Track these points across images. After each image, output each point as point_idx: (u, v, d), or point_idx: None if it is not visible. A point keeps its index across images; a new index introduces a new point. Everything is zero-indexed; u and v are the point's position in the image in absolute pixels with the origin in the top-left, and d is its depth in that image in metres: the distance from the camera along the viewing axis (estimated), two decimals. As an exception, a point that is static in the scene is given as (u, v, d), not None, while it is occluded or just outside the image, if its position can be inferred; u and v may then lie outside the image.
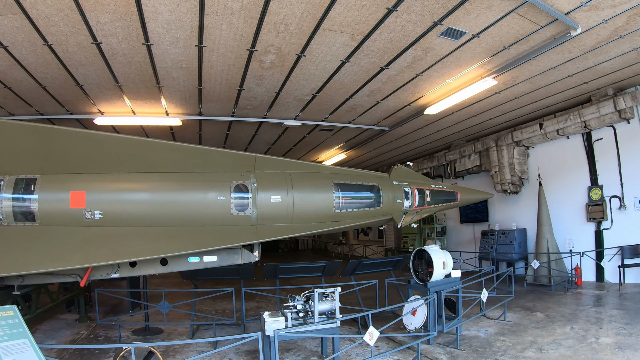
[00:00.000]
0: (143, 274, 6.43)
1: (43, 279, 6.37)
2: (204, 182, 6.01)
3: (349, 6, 6.32)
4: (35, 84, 8.86)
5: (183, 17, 6.48)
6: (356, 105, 10.84)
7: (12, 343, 4.26)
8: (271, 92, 9.76)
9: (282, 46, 7.50)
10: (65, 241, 5.69)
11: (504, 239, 13.53)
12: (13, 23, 6.47)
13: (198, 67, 8.25)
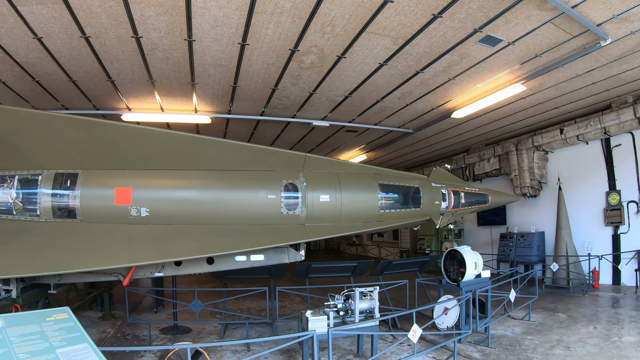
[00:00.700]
0: (188, 272, 6.31)
1: (82, 278, 6.31)
2: (255, 181, 5.99)
3: (397, 11, 6.35)
4: (65, 78, 8.75)
5: (231, 14, 6.43)
6: (385, 108, 10.85)
7: (72, 348, 4.03)
8: (305, 92, 9.73)
9: (325, 47, 7.48)
10: (109, 239, 5.62)
11: (523, 241, 13.64)
12: (52, 13, 6.35)
13: (237, 65, 8.18)
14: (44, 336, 4.03)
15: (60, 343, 4.02)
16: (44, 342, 3.94)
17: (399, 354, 7.19)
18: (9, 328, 3.90)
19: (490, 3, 6.20)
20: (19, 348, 3.72)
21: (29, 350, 3.74)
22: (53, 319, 4.31)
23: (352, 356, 7.27)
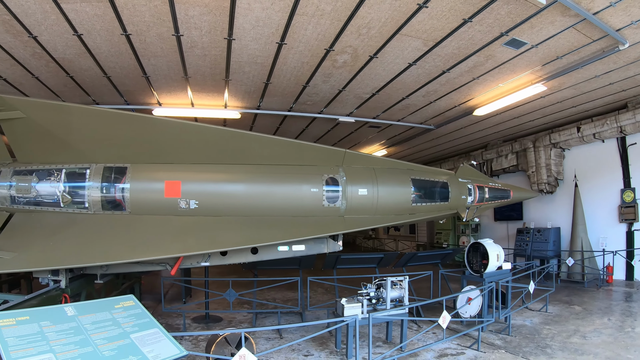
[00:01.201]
0: (233, 262, 6.63)
1: (130, 268, 6.57)
2: (298, 175, 6.33)
3: (430, 15, 6.71)
4: (101, 74, 9.03)
5: (273, 16, 6.74)
6: (410, 105, 11.21)
7: (145, 333, 4.21)
8: (334, 90, 10.08)
9: (359, 47, 7.83)
10: (159, 230, 5.88)
11: (539, 236, 14.04)
12: (95, 11, 6.59)
13: (272, 63, 8.51)
14: (116, 322, 4.24)
15: (132, 329, 4.23)
16: (117, 328, 4.15)
17: (425, 341, 7.63)
18: (82, 316, 4.11)
19: (518, 9, 6.56)
20: (95, 335, 3.93)
21: (104, 336, 3.95)
22: (121, 306, 4.54)
23: (381, 342, 7.74)
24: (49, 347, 3.53)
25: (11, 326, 3.59)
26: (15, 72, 8.91)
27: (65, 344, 3.65)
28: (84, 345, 3.72)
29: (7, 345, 3.33)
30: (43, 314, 3.92)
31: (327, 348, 7.36)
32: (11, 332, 3.51)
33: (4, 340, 3.37)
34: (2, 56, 8.12)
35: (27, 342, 3.48)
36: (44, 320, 3.85)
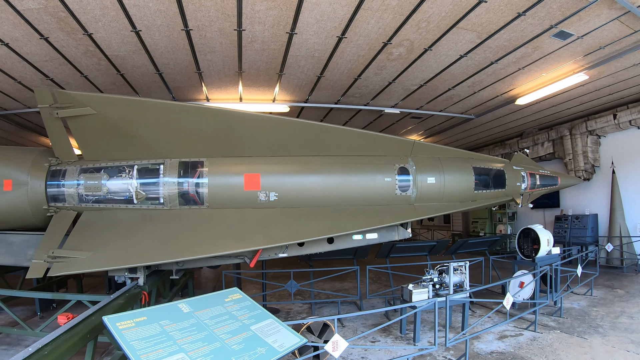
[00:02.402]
0: (310, 252, 6.92)
1: (208, 262, 6.89)
2: (372, 165, 6.71)
3: (487, 9, 7.10)
4: (153, 70, 9.33)
5: (339, 10, 7.05)
6: (454, 95, 11.63)
7: (262, 324, 4.32)
8: (384, 82, 10.46)
9: (415, 40, 8.22)
10: (240, 223, 6.12)
11: (578, 223, 14.61)
12: (158, 6, 6.80)
13: (328, 57, 8.88)
14: (232, 316, 4.36)
15: (249, 321, 4.34)
16: (235, 322, 4.26)
17: (483, 325, 8.16)
18: (198, 312, 4.23)
19: (569, 3, 6.96)
20: (218, 330, 4.02)
21: (227, 330, 4.05)
22: (231, 300, 4.70)
23: (441, 327, 8.31)
24: (178, 347, 3.57)
25: (131, 328, 3.64)
26: (64, 72, 9.26)
27: (193, 342, 3.71)
28: (211, 341, 3.82)
29: (135, 349, 3.37)
30: (159, 313, 4.01)
31: (391, 334, 7.87)
32: (133, 335, 3.55)
33: (130, 345, 3.40)
34: (52, 55, 8.44)
35: (153, 344, 3.52)
36: (163, 319, 3.92)
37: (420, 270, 9.80)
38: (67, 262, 5.79)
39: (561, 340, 7.27)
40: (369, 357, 6.77)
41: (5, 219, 6.63)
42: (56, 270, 5.80)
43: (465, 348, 6.37)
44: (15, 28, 7.31)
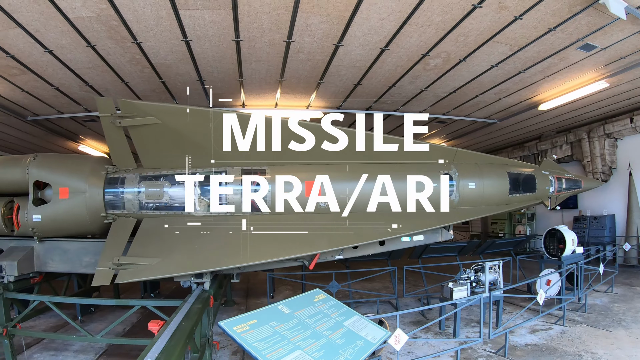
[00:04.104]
0: (363, 254, 7.59)
1: (267, 266, 7.37)
2: (420, 171, 7.36)
3: (522, 25, 8.01)
4: (195, 78, 10.03)
5: (386, 25, 7.86)
6: (480, 102, 12.60)
7: (352, 320, 4.92)
8: (417, 90, 11.40)
9: (452, 53, 9.13)
10: (300, 228, 6.64)
11: (596, 224, 15.70)
12: (214, 17, 7.42)
13: (369, 67, 9.73)
14: (326, 314, 4.95)
15: (340, 318, 4.92)
16: (330, 319, 4.84)
17: (515, 321, 9.01)
18: (297, 312, 4.79)
19: (596, 20, 7.88)
20: (319, 327, 4.59)
21: (326, 327, 4.62)
22: (318, 300, 5.31)
23: (475, 323, 9.23)
24: (293, 345, 4.12)
25: (247, 331, 4.14)
26: (105, 79, 10.02)
27: (303, 339, 4.25)
28: (317, 337, 4.36)
29: (258, 349, 3.91)
30: (265, 316, 4.55)
31: (430, 330, 8.79)
32: (252, 337, 4.07)
33: (253, 346, 3.95)
34: (96, 63, 9.19)
35: (272, 344, 4.04)
36: (270, 321, 4.47)
37: (446, 269, 10.84)
38: (134, 269, 6.30)
39: (588, 333, 8.27)
40: (415, 352, 7.64)
41: (61, 226, 7.21)
42: (123, 278, 6.29)
43: (505, 341, 7.40)
44: (62, 36, 7.99)
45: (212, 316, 6.70)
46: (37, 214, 7.16)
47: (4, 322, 7.47)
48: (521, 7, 7.45)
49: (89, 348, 8.53)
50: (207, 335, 6.34)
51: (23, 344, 8.30)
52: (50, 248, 7.74)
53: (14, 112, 12.50)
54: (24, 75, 9.83)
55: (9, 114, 12.52)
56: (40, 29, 7.78)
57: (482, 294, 7.35)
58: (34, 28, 7.73)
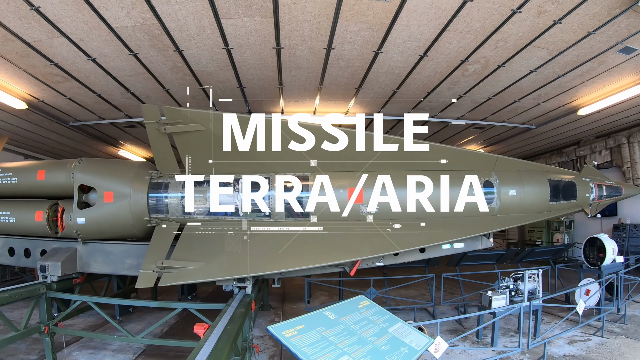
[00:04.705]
0: (403, 261, 7.79)
1: (309, 272, 7.69)
2: (461, 179, 7.39)
3: (561, 29, 8.01)
4: (236, 85, 10.36)
5: (426, 32, 7.98)
6: (518, 107, 12.59)
7: (396, 327, 5.00)
8: (455, 95, 11.46)
9: (491, 58, 9.17)
10: (343, 235, 6.83)
11: (636, 232, 15.52)
12: (255, 26, 7.66)
13: (407, 73, 9.87)
14: (370, 321, 5.04)
15: (385, 324, 5.01)
16: (375, 326, 4.93)
17: (553, 331, 9.08)
18: (343, 318, 4.90)
19: (636, 22, 7.82)
20: (365, 333, 4.69)
21: (371, 333, 4.72)
22: (363, 306, 5.38)
23: (513, 333, 9.25)
24: (340, 351, 4.24)
25: (295, 336, 4.27)
26: (146, 86, 10.38)
27: (350, 345, 4.37)
28: (363, 343, 4.48)
29: (307, 354, 4.03)
30: (312, 321, 4.69)
31: (467, 339, 8.84)
32: (301, 342, 4.20)
33: (302, 351, 4.06)
34: (138, 71, 9.54)
35: (320, 349, 4.16)
36: (317, 326, 4.59)
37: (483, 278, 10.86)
38: (178, 272, 6.57)
39: (628, 345, 8.21)
40: (452, 361, 7.67)
41: (105, 229, 7.55)
42: (167, 280, 6.55)
43: (544, 351, 7.34)
44: (105, 44, 8.34)
45: (252, 320, 6.91)
46: (81, 216, 7.50)
47: (45, 320, 7.79)
48: (560, 11, 7.46)
49: (127, 348, 8.82)
50: (248, 338, 6.48)
51: (63, 341, 8.65)
52: (93, 250, 8.07)
53: (56, 118, 13.04)
54: (67, 83, 10.25)
55: (52, 119, 13.08)
56: (84, 38, 8.11)
57: (522, 303, 7.37)
58: (78, 37, 8.06)
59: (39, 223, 8.10)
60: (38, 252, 8.57)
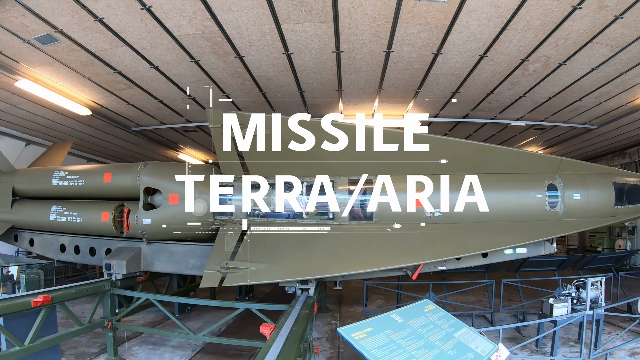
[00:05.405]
0: (465, 265, 7.75)
1: (371, 275, 7.64)
2: (524, 182, 7.49)
3: (623, 24, 7.72)
4: (295, 89, 10.59)
5: (485, 31, 7.90)
6: (580, 106, 12.24)
7: (461, 332, 5.09)
8: (515, 96, 11.30)
9: (552, 56, 8.97)
10: (406, 238, 6.92)
11: None
12: (315, 31, 7.78)
13: (466, 75, 9.82)
14: (436, 325, 5.17)
15: (450, 329, 5.12)
16: (441, 330, 5.05)
17: (614, 342, 8.79)
18: (409, 322, 5.03)
19: None
20: (432, 337, 4.82)
21: (437, 338, 4.85)
22: (428, 310, 5.51)
23: (572, 342, 9.05)
24: (408, 354, 4.39)
25: (364, 339, 4.43)
26: (206, 91, 10.66)
27: (417, 349, 4.52)
28: (430, 348, 4.61)
29: (377, 357, 4.17)
30: (380, 324, 4.84)
31: (527, 348, 8.70)
32: (370, 344, 4.35)
33: (371, 353, 4.21)
34: (199, 77, 9.84)
35: (389, 351, 4.31)
36: (385, 329, 4.75)
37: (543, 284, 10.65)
38: (243, 273, 6.79)
39: None
40: (509, 370, 7.67)
41: (171, 230, 7.91)
42: (232, 281, 6.81)
43: None
44: (168, 52, 8.67)
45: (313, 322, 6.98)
46: (147, 217, 7.92)
47: (109, 315, 8.27)
48: (621, 6, 7.24)
49: (185, 345, 9.15)
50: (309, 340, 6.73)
51: (125, 336, 9.08)
52: (157, 249, 8.47)
53: (119, 123, 13.72)
54: (130, 90, 10.74)
55: (115, 125, 13.78)
56: (147, 47, 8.47)
57: (584, 312, 7.23)
58: (141, 46, 8.43)
59: (105, 223, 8.58)
60: (103, 250, 9.08)
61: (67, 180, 9.24)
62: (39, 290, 7.66)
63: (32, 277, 8.70)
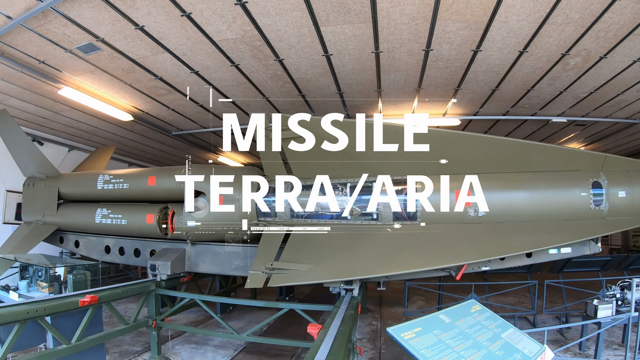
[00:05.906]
0: (509, 266, 7.70)
1: (415, 275, 7.72)
2: (568, 180, 7.40)
3: None
4: (335, 91, 10.65)
5: (525, 26, 7.79)
6: (622, 100, 11.94)
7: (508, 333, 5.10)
8: (556, 92, 11.12)
9: (592, 50, 8.77)
10: (452, 238, 6.96)
11: None
12: (354, 32, 7.76)
13: (507, 71, 9.72)
14: (483, 325, 5.18)
15: (497, 330, 5.13)
16: (488, 331, 5.07)
17: None
18: (457, 322, 5.05)
19: None
20: (479, 338, 4.84)
21: (485, 338, 4.86)
22: (475, 311, 5.51)
23: (616, 345, 8.91)
24: (457, 354, 4.42)
25: (414, 338, 4.48)
26: (247, 94, 10.86)
27: (465, 349, 4.54)
28: (478, 348, 4.63)
29: (426, 357, 4.22)
30: (428, 324, 4.88)
31: (570, 351, 8.61)
32: (419, 344, 4.40)
33: (420, 353, 4.27)
34: (239, 81, 10.03)
35: (438, 352, 4.35)
36: (434, 329, 4.79)
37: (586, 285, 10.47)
38: (288, 274, 6.95)
39: None
40: (552, 373, 7.66)
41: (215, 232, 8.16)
42: (277, 281, 6.98)
43: None
44: (208, 57, 8.84)
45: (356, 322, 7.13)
46: (191, 219, 8.14)
47: (153, 315, 8.54)
48: None
49: (227, 344, 9.36)
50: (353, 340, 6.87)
51: (168, 335, 9.35)
52: (201, 251, 8.71)
53: (160, 128, 14.16)
54: (170, 95, 11.04)
55: (155, 129, 14.22)
56: (187, 53, 8.67)
57: (630, 313, 7.12)
58: (181, 52, 8.63)
59: (150, 225, 8.88)
60: (147, 252, 9.38)
61: (111, 183, 9.63)
62: (87, 290, 7.96)
63: (79, 277, 9.03)
